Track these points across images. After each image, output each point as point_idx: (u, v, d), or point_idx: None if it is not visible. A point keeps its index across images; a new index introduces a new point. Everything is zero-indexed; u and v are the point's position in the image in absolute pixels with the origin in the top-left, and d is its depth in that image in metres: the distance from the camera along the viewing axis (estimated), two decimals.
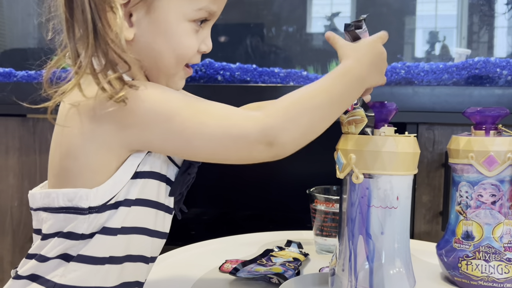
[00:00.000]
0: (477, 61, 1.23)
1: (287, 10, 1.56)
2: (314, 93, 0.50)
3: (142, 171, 0.50)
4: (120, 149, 0.49)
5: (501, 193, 0.65)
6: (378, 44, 0.55)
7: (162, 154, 0.52)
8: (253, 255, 0.78)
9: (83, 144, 0.49)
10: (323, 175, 0.91)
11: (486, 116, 0.67)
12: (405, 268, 0.55)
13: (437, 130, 1.15)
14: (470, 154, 0.65)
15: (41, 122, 1.35)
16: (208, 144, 0.47)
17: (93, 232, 0.49)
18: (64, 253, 0.50)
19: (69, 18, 0.48)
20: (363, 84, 0.54)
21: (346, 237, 0.56)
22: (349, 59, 0.53)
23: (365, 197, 0.54)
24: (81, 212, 0.49)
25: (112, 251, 0.50)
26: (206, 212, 1.56)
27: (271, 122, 0.47)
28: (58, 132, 0.53)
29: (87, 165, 0.49)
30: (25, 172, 1.36)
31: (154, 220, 0.52)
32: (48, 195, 0.51)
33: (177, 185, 0.53)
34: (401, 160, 0.53)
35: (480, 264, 0.65)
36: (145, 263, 0.54)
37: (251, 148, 0.47)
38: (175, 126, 0.47)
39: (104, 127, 0.48)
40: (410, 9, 1.56)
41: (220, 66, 1.29)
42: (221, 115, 0.48)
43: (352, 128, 0.57)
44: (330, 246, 0.81)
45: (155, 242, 0.54)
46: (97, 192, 0.49)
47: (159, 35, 0.51)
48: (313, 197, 0.82)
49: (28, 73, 1.43)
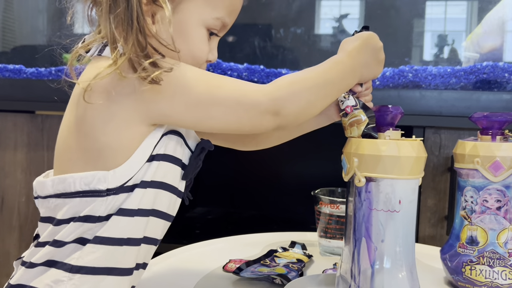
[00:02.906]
0: (485, 65, 1.22)
1: (295, 11, 1.55)
2: (312, 75, 0.55)
3: (157, 154, 0.52)
4: (140, 125, 0.50)
5: (507, 199, 0.65)
6: (371, 38, 0.62)
7: (183, 127, 0.54)
8: (257, 255, 0.79)
9: (103, 123, 0.50)
10: (329, 177, 0.91)
11: (492, 121, 0.67)
12: (408, 272, 0.55)
13: (444, 134, 1.15)
14: (476, 159, 0.65)
15: (49, 119, 1.36)
16: (223, 114, 0.51)
17: (110, 214, 0.50)
18: (80, 237, 0.50)
19: (112, 4, 0.50)
20: (355, 74, 0.59)
21: (351, 240, 0.57)
22: (342, 52, 0.60)
23: (367, 200, 0.55)
24: (99, 194, 0.50)
25: (130, 233, 0.51)
26: (211, 211, 1.56)
27: (278, 93, 0.52)
28: (73, 115, 0.53)
29: (108, 145, 0.50)
30: (33, 168, 1.37)
31: (167, 203, 0.54)
32: (63, 180, 0.51)
33: (190, 168, 0.55)
34: (402, 164, 0.53)
35: (484, 270, 0.64)
36: (154, 245, 0.56)
37: (262, 117, 0.52)
38: (193, 98, 0.50)
39: (125, 103, 0.50)
40: (419, 12, 1.55)
41: (227, 66, 1.30)
42: (234, 87, 0.52)
43: (355, 130, 0.58)
44: (334, 248, 0.81)
45: (166, 225, 0.56)
46: (114, 174, 0.50)
47: (178, 35, 0.54)
48: (318, 199, 0.82)
49: (38, 70, 1.44)
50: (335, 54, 0.59)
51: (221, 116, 0.51)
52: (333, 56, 0.59)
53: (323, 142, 0.55)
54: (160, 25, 0.53)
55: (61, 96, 0.57)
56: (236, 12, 0.59)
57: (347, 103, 0.60)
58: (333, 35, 1.59)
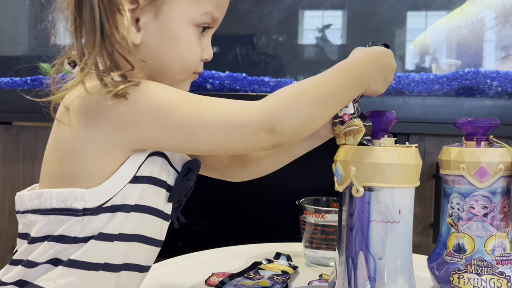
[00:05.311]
0: (468, 72, 1.23)
1: (277, 18, 1.55)
2: (312, 87, 0.51)
3: (141, 176, 0.49)
4: (119, 150, 0.48)
5: (493, 205, 0.64)
6: (389, 55, 0.57)
7: (165, 151, 0.51)
8: (240, 267, 0.77)
9: (81, 147, 0.48)
10: (313, 186, 0.90)
11: (477, 126, 0.66)
12: (409, 286, 0.53)
13: (428, 141, 1.15)
14: (462, 165, 0.64)
15: (25, 130, 1.32)
16: (212, 135, 0.48)
17: (87, 237, 0.48)
18: (54, 258, 0.48)
19: (77, 17, 0.49)
20: (362, 84, 0.54)
21: (346, 252, 0.54)
22: (353, 56, 0.55)
23: (365, 211, 0.52)
24: (74, 213, 0.47)
25: (108, 258, 0.49)
26: (195, 223, 1.54)
27: (272, 109, 0.48)
28: (54, 136, 0.52)
29: (85, 170, 0.48)
30: (8, 181, 1.33)
31: (152, 228, 0.51)
32: (39, 195, 0.49)
33: (176, 190, 0.52)
34: (402, 172, 0.51)
35: (472, 278, 0.63)
36: (140, 272, 0.53)
37: (254, 135, 0.48)
38: (177, 120, 0.47)
39: (103, 127, 0.47)
40: (401, 22, 1.57)
41: (209, 74, 1.28)
42: (222, 106, 0.49)
43: (350, 139, 0.55)
44: (320, 259, 0.80)
45: (151, 250, 0.53)
46: (93, 193, 0.47)
47: (165, 39, 0.52)
48: (303, 208, 0.81)
49: (12, 79, 1.41)
50: (317, 62, 0.57)
51: (208, 137, 0.48)
52: (342, 61, 0.54)
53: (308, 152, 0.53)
54: (147, 32, 0.51)
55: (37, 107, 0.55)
56: (224, 5, 0.56)
57: (345, 111, 0.56)
58: (316, 44, 1.59)
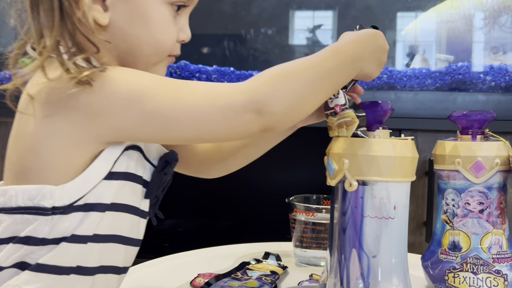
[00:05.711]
0: (461, 66, 1.22)
1: (267, 12, 1.54)
2: (303, 66, 0.48)
3: (117, 172, 0.46)
4: (89, 143, 0.44)
5: (489, 201, 0.62)
6: (380, 37, 0.55)
7: (140, 141, 0.48)
8: (228, 268, 0.75)
9: (45, 138, 0.44)
10: (304, 184, 0.88)
11: (472, 120, 0.65)
12: (403, 285, 0.50)
13: (420, 136, 1.14)
14: (457, 160, 0.62)
15: (3, 127, 1.28)
16: (191, 121, 0.44)
17: (57, 238, 0.44)
18: (21, 262, 0.44)
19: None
20: (355, 66, 0.51)
21: (338, 250, 0.52)
22: (345, 38, 0.52)
23: (359, 206, 0.50)
24: (42, 212, 0.44)
25: (81, 261, 0.45)
26: (181, 223, 1.52)
27: (259, 89, 0.45)
28: (16, 127, 0.48)
29: (51, 163, 0.44)
30: None
31: (129, 226, 0.48)
32: (4, 192, 0.45)
33: (153, 185, 0.49)
34: (398, 165, 0.49)
35: (468, 277, 0.61)
36: (117, 274, 0.49)
37: (239, 118, 0.44)
38: (151, 107, 0.43)
39: (69, 117, 0.43)
40: (391, 23, 1.57)
41: (196, 68, 1.26)
42: (203, 89, 0.45)
43: (343, 131, 0.52)
44: (310, 258, 0.78)
45: (128, 250, 0.49)
46: (63, 190, 0.44)
47: (136, 19, 0.48)
48: (293, 206, 0.79)
49: None
50: (307, 54, 0.53)
51: (189, 124, 0.44)
52: (333, 44, 0.51)
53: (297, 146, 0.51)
54: (115, 12, 0.47)
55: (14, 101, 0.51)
56: None
57: (336, 101, 0.53)
58: (305, 37, 1.58)
